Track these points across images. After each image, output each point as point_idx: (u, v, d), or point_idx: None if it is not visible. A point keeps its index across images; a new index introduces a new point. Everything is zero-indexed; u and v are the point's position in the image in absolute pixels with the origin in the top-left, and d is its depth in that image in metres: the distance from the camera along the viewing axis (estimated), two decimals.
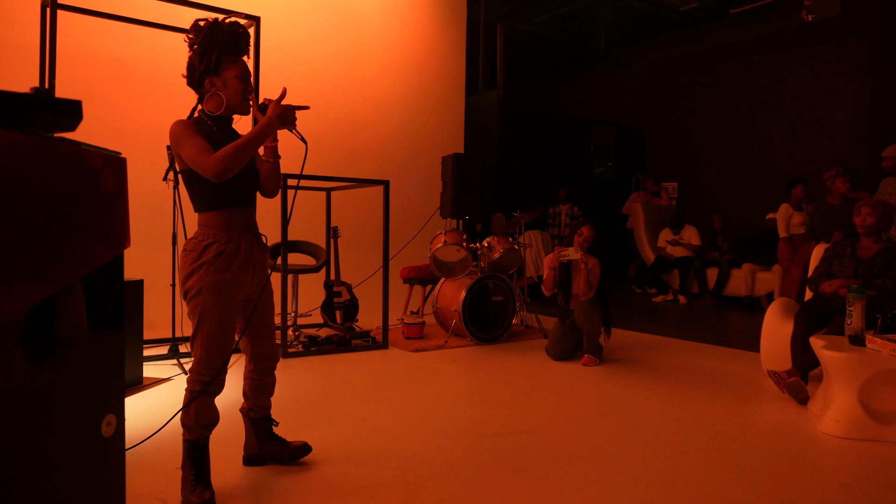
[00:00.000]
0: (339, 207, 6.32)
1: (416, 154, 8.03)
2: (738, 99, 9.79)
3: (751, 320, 6.43)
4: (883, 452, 2.90)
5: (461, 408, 3.52)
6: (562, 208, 9.46)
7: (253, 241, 2.36)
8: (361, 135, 7.63)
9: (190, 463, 2.27)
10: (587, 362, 4.64)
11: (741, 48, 9.84)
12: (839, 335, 3.48)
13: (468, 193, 5.92)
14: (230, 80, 2.30)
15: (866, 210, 3.94)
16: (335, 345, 5.03)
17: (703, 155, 10.21)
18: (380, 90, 7.82)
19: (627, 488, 2.43)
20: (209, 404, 2.29)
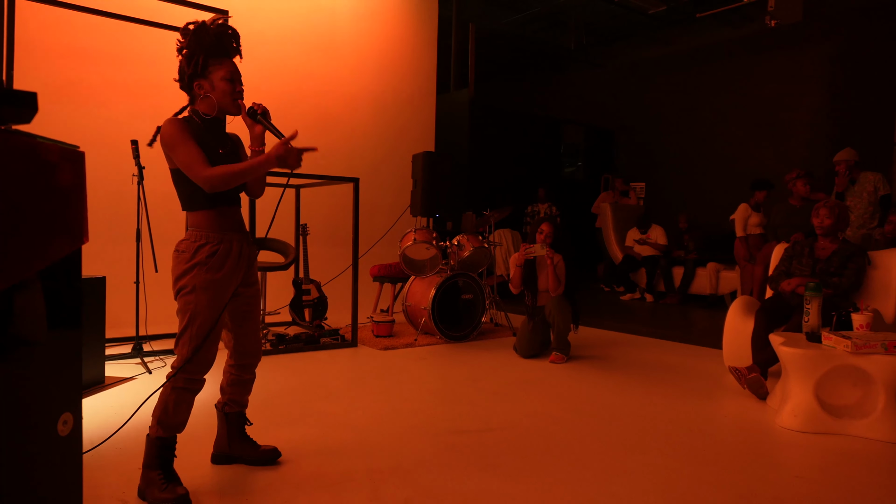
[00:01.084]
0: (309, 205, 6.28)
1: (386, 152, 8.01)
2: (704, 101, 9.93)
3: (715, 318, 6.53)
4: (837, 445, 2.97)
5: (430, 405, 3.53)
6: (540, 207, 9.51)
7: (243, 241, 2.39)
8: (331, 132, 7.59)
9: (157, 462, 2.24)
10: (555, 360, 4.67)
11: (708, 52, 9.98)
12: (797, 332, 3.56)
13: (438, 192, 5.92)
14: (217, 82, 2.30)
15: (824, 212, 4.02)
16: (304, 343, 5.00)
17: (670, 156, 10.35)
18: (350, 87, 7.78)
19: (593, 483, 2.46)
20: (189, 402, 2.28)
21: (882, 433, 3.03)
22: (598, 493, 2.36)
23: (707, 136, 9.83)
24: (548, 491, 2.38)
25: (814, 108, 8.63)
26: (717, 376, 4.31)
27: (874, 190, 5.84)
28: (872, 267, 4.07)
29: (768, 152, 8.96)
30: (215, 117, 2.36)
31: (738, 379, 3.78)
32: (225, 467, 2.55)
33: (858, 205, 5.89)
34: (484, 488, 2.39)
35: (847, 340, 3.09)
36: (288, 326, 5.69)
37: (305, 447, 2.79)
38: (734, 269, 7.48)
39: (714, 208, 8.88)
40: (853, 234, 5.82)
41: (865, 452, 2.89)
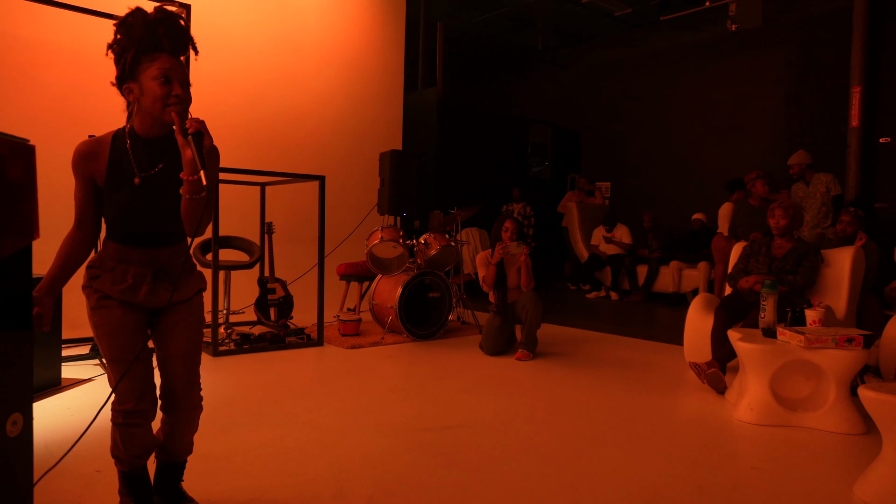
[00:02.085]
0: (274, 203, 6.23)
1: (353, 150, 7.98)
2: (667, 103, 10.08)
3: (677, 315, 6.63)
4: (790, 437, 3.04)
5: (395, 403, 3.53)
6: (515, 206, 9.55)
7: (147, 275, 1.92)
8: (297, 129, 7.53)
9: (128, 490, 2.02)
10: (522, 357, 4.70)
11: (671, 54, 10.13)
12: (754, 328, 3.63)
13: (406, 190, 5.91)
14: (147, 83, 1.79)
15: (779, 212, 4.12)
16: (269, 342, 4.96)
17: (635, 156, 10.48)
18: (316, 84, 7.73)
19: (555, 478, 2.48)
20: (137, 435, 1.94)
21: (832, 424, 3.11)
22: (560, 488, 2.39)
23: (670, 136, 9.98)
24: (511, 486, 2.40)
25: (772, 110, 8.81)
26: (678, 372, 4.38)
27: (826, 190, 5.99)
28: (825, 265, 4.17)
29: (729, 153, 9.13)
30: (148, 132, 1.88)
31: (698, 374, 3.85)
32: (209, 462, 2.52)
33: (812, 205, 6.03)
34: (448, 485, 2.40)
35: (800, 336, 3.16)
36: (253, 326, 5.63)
37: (268, 446, 2.76)
38: (696, 267, 7.60)
39: (677, 208, 9.04)
40: (808, 234, 5.96)
41: (816, 443, 2.96)
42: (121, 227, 1.88)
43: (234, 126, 7.03)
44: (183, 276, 2.00)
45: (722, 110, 9.33)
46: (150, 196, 1.87)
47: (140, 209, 1.86)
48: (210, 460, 2.58)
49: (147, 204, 1.87)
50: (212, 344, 4.60)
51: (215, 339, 4.62)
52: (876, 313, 4.45)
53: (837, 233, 5.09)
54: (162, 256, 1.94)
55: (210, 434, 2.90)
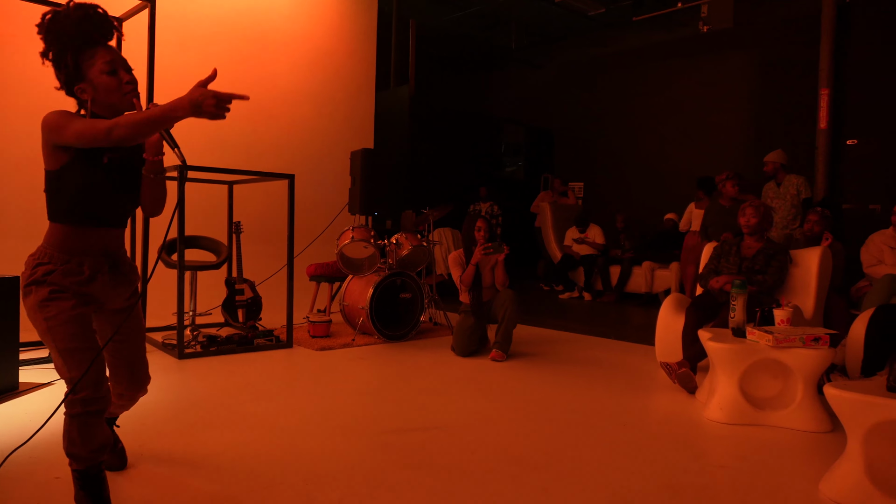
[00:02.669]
0: (242, 202, 6.18)
1: (323, 148, 7.96)
2: (640, 103, 10.20)
3: (649, 315, 6.72)
4: (758, 435, 3.11)
5: (366, 405, 3.53)
6: (482, 206, 9.58)
7: (102, 265, 2.04)
8: (266, 127, 7.49)
9: (84, 494, 1.99)
10: (497, 357, 4.73)
11: (644, 54, 10.26)
12: (725, 328, 3.71)
13: (377, 189, 5.91)
14: (97, 79, 1.92)
15: (750, 212, 4.21)
16: (236, 344, 4.92)
17: (608, 156, 10.59)
18: (287, 81, 7.69)
19: (526, 480, 2.51)
20: (95, 424, 1.96)
21: (799, 423, 3.19)
22: (530, 489, 2.42)
23: (643, 137, 10.11)
24: (482, 488, 2.42)
25: (742, 111, 8.97)
26: (650, 372, 4.45)
27: (797, 193, 6.11)
28: (794, 265, 4.27)
29: (700, 153, 9.27)
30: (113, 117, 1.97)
31: (669, 374, 3.91)
32: (142, 472, 2.50)
33: (782, 206, 6.15)
34: (418, 487, 2.41)
35: (769, 335, 3.23)
36: (220, 327, 5.58)
37: (235, 449, 2.75)
38: (668, 267, 7.71)
39: (649, 208, 9.14)
40: (777, 235, 6.08)
41: (784, 441, 3.04)
42: (82, 206, 1.96)
43: (200, 123, 6.95)
44: (127, 269, 2.17)
45: (693, 111, 9.48)
46: (115, 175, 2.00)
47: (105, 187, 1.98)
48: (175, 464, 2.57)
49: (112, 182, 1.99)
50: (177, 346, 4.55)
51: (181, 341, 4.57)
52: (842, 313, 4.56)
53: (805, 232, 5.21)
54: (113, 240, 2.07)
55: (175, 437, 2.87)
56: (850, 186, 7.74)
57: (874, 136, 7.60)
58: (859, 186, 7.70)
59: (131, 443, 2.73)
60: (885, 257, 4.87)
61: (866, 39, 7.66)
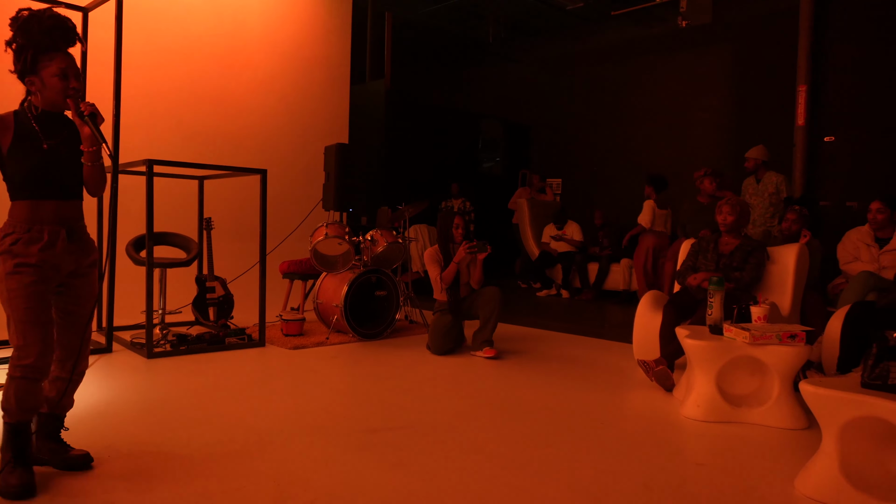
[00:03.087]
0: (213, 197, 6.13)
1: (297, 143, 7.91)
2: (618, 98, 10.28)
3: (627, 313, 6.77)
4: (735, 432, 3.16)
5: (340, 405, 3.53)
6: (454, 202, 9.59)
7: (61, 232, 2.36)
8: (238, 121, 7.43)
9: (9, 444, 2.31)
10: (492, 354, 4.75)
11: (623, 49, 10.34)
12: (702, 325, 3.75)
13: (352, 185, 5.89)
14: (48, 79, 2.29)
15: (727, 209, 4.27)
16: (207, 343, 4.88)
17: (586, 153, 10.65)
18: (258, 74, 7.64)
19: (502, 478, 2.52)
20: (31, 390, 2.28)
21: (776, 420, 3.25)
22: (506, 487, 2.43)
23: (621, 132, 10.18)
24: (457, 487, 2.43)
25: (720, 107, 9.08)
26: (627, 370, 4.49)
27: (776, 191, 6.20)
28: (771, 262, 4.33)
29: (679, 149, 9.37)
30: (50, 111, 2.38)
31: (647, 372, 3.95)
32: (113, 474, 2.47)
33: (760, 203, 6.24)
34: (393, 487, 2.42)
35: (746, 332, 3.28)
36: (190, 326, 5.53)
37: (206, 450, 2.73)
38: None
39: (628, 205, 9.20)
40: (755, 232, 6.16)
41: (760, 438, 3.08)
42: (33, 183, 2.30)
43: (169, 116, 6.89)
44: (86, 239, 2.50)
45: (672, 107, 9.57)
46: (57, 157, 2.34)
47: (50, 167, 2.32)
48: (143, 465, 2.55)
49: (55, 163, 2.34)
50: (146, 345, 4.51)
51: (150, 340, 4.52)
52: (819, 310, 4.64)
53: (783, 230, 5.28)
54: (67, 210, 2.38)
55: (143, 438, 2.85)
56: (827, 183, 7.87)
57: (852, 133, 7.73)
58: (836, 183, 7.83)
59: (98, 443, 2.69)
60: (861, 254, 4.96)
61: (844, 36, 7.78)
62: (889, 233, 4.88)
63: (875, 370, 2.39)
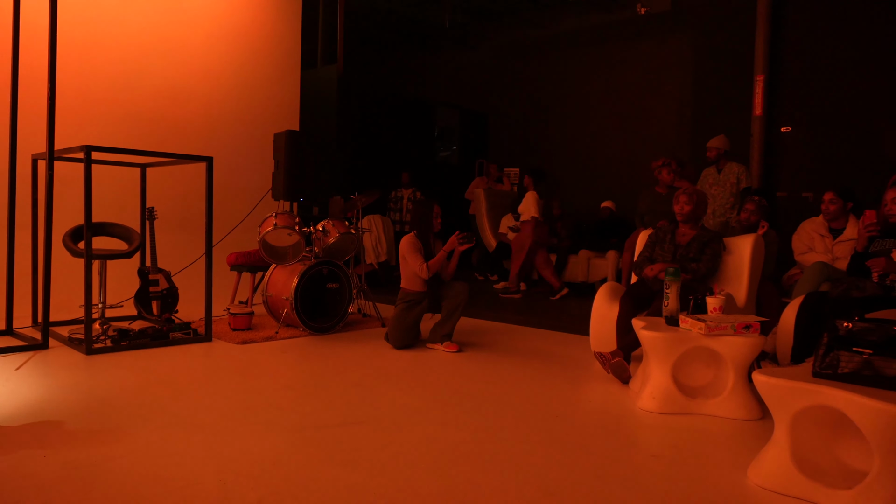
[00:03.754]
0: (156, 186, 6.03)
1: (245, 129, 7.80)
2: (577, 86, 10.38)
3: (585, 305, 6.87)
4: (690, 424, 3.24)
5: (289, 401, 3.51)
6: (404, 192, 9.57)
7: None
8: (182, 106, 7.29)
9: None
10: (456, 349, 4.85)
11: (581, 36, 10.43)
12: (659, 316, 3.83)
13: (303, 174, 5.85)
14: None
15: (684, 198, 4.36)
16: (150, 338, 4.80)
17: (544, 141, 10.73)
18: (204, 57, 7.51)
19: (455, 473, 2.54)
20: None
21: (730, 411, 3.34)
22: (459, 483, 2.45)
23: (580, 121, 10.28)
24: (409, 483, 2.44)
25: (679, 96, 9.24)
26: (584, 362, 4.56)
27: (737, 181, 6.36)
28: (727, 252, 4.44)
29: (638, 139, 9.51)
30: None
31: (603, 364, 4.02)
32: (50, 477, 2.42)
33: (721, 194, 6.38)
34: (344, 484, 2.42)
35: (701, 323, 3.36)
36: (133, 321, 5.44)
37: (148, 449, 2.70)
38: (605, 256, 7.89)
39: (587, 195, 9.32)
40: (713, 223, 6.31)
41: (715, 429, 3.17)
42: None
43: (109, 101, 6.72)
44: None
45: (631, 95, 9.70)
46: None
47: None
48: (81, 467, 2.50)
49: None
50: (85, 341, 4.42)
51: (89, 335, 4.43)
52: (774, 300, 4.78)
53: (741, 221, 5.42)
54: None
55: (82, 438, 2.80)
56: (784, 174, 8.09)
57: (808, 124, 7.95)
58: (793, 174, 8.05)
59: (32, 443, 2.64)
60: (815, 245, 5.11)
61: (802, 26, 7.98)
62: (842, 223, 5.04)
63: (826, 359, 2.47)
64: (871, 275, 3.59)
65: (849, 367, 2.40)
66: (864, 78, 7.47)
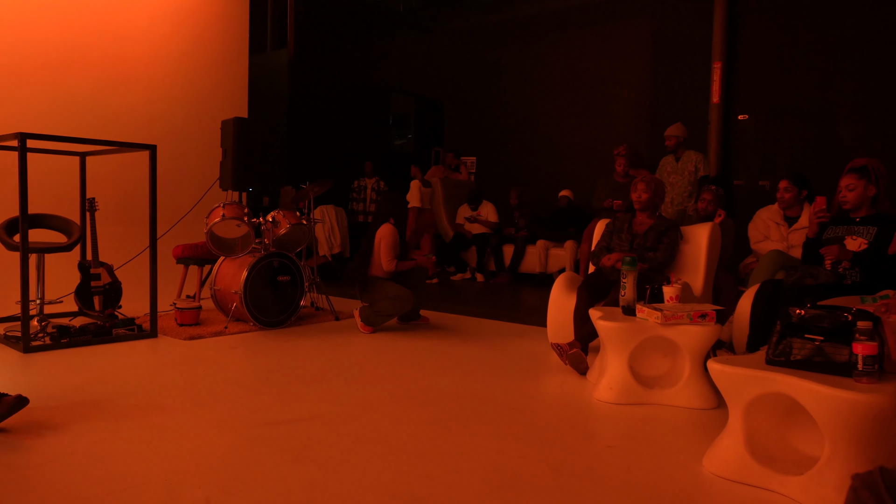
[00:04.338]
0: (97, 176, 5.90)
1: (190, 116, 7.68)
2: (534, 73, 10.42)
3: (543, 296, 6.95)
4: (647, 414, 3.31)
5: (239, 397, 3.48)
6: (367, 182, 9.53)
7: None
8: (125, 92, 7.15)
9: None
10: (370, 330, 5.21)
11: (539, 21, 10.47)
12: (616, 306, 3.90)
13: (252, 163, 5.79)
14: None
15: (641, 186, 4.43)
16: (92, 335, 4.71)
17: (502, 129, 10.76)
18: (146, 40, 7.36)
19: (409, 467, 2.56)
20: None
21: (686, 400, 3.42)
22: (414, 476, 2.47)
23: (538, 109, 10.34)
24: (362, 478, 2.45)
25: (637, 83, 9.35)
26: (542, 354, 4.62)
27: (695, 170, 6.48)
28: (684, 241, 4.54)
29: (596, 126, 9.60)
30: None
31: (560, 355, 4.08)
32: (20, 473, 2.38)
33: (679, 182, 6.50)
34: (295, 480, 2.42)
35: (658, 312, 3.43)
36: (73, 317, 5.33)
37: (91, 449, 2.66)
38: (563, 246, 7.98)
39: (544, 184, 9.40)
40: (671, 212, 6.43)
41: (671, 419, 3.25)
42: None
43: (45, 85, 6.55)
44: None
45: (589, 82, 9.77)
46: None
47: None
48: (20, 469, 2.45)
49: None
50: (22, 339, 4.32)
51: (26, 332, 4.32)
52: (731, 289, 4.89)
53: (699, 210, 5.53)
54: None
55: (20, 440, 2.75)
56: (741, 162, 8.26)
57: (765, 112, 8.13)
58: (750, 162, 8.23)
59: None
60: (770, 233, 5.25)
61: (759, 12, 8.14)
62: (797, 211, 5.18)
63: (778, 347, 2.55)
64: (824, 262, 3.70)
65: (801, 353, 2.49)
66: (821, 65, 7.66)
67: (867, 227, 3.67)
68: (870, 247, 3.59)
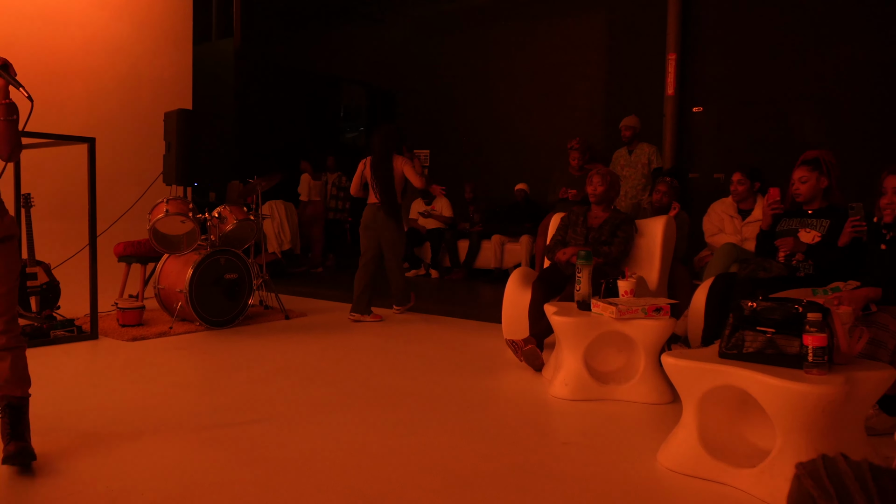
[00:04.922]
0: (33, 170, 5.75)
1: (131, 108, 7.54)
2: (488, 64, 10.45)
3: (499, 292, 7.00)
4: (602, 410, 3.37)
5: (185, 400, 3.44)
6: (329, 177, 9.46)
7: None
8: (62, 83, 6.99)
9: None
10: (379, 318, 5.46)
11: (495, 12, 10.51)
12: (571, 301, 3.95)
13: (197, 156, 5.73)
14: None
15: (597, 180, 4.49)
16: (29, 338, 4.59)
17: (456, 122, 10.77)
18: (86, 30, 7.21)
19: (366, 468, 2.57)
20: None
21: (642, 395, 3.49)
22: (371, 478, 2.48)
23: (493, 101, 10.37)
24: (318, 481, 2.45)
25: (592, 75, 9.45)
26: (497, 351, 4.66)
27: (648, 162, 6.60)
28: (639, 235, 4.62)
29: (551, 119, 9.68)
30: None
31: (515, 352, 4.12)
32: None
33: (633, 175, 6.61)
34: (247, 484, 2.40)
35: (612, 307, 3.49)
36: None
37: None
38: (518, 241, 8.04)
39: (499, 178, 9.45)
40: (626, 205, 6.53)
41: (626, 414, 3.31)
42: None
43: None
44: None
45: (544, 74, 9.84)
46: None
47: None
48: None
49: None
50: None
51: None
52: (686, 283, 5.00)
53: (653, 203, 5.63)
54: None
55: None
56: (696, 155, 8.42)
57: (720, 104, 8.30)
58: (705, 155, 8.39)
59: None
60: (725, 226, 5.36)
61: (714, 5, 8.29)
62: (751, 204, 5.31)
63: (731, 339, 2.62)
64: (777, 254, 3.80)
65: (753, 346, 2.55)
66: (775, 57, 7.85)
67: (820, 220, 3.77)
68: (822, 239, 3.70)
